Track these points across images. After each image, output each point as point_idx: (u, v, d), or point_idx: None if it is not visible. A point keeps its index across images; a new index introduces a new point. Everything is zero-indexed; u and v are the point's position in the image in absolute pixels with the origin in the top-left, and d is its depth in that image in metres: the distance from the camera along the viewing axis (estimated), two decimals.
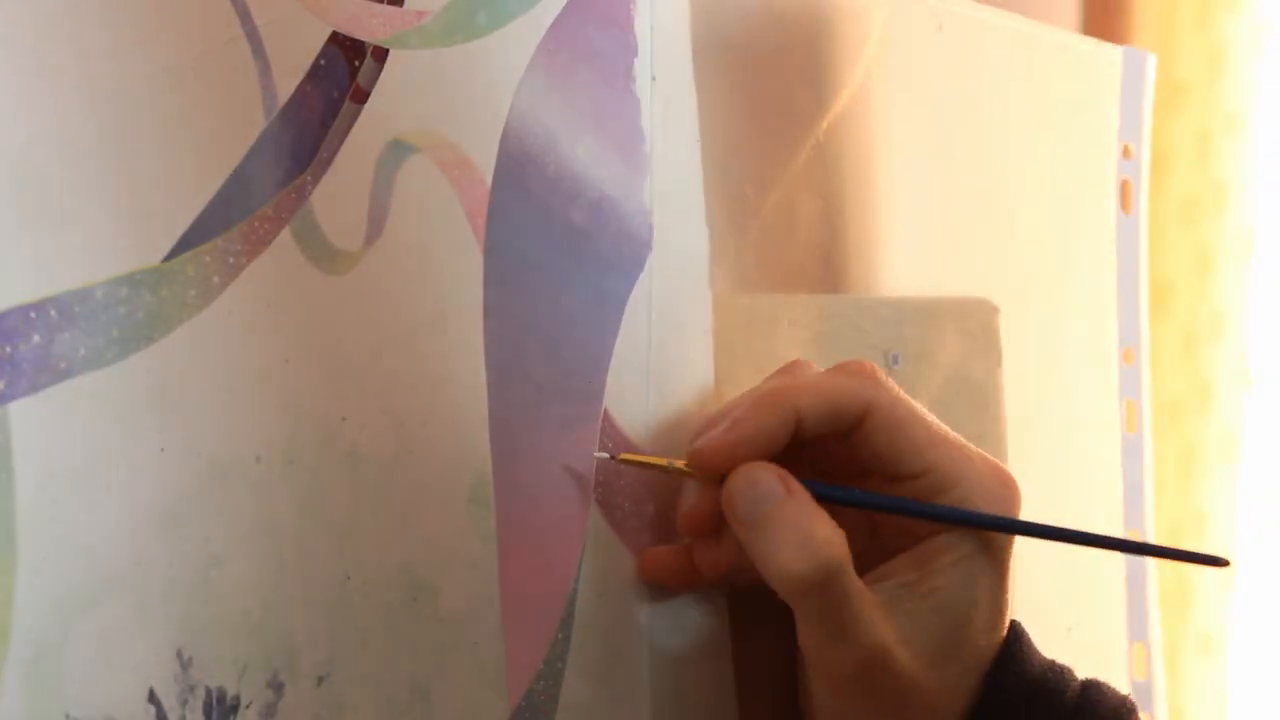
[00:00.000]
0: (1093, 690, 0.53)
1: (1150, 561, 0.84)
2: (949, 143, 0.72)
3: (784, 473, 0.50)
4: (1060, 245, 0.79)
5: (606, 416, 0.53)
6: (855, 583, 0.49)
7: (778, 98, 0.62)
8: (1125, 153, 0.82)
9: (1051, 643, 0.55)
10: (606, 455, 0.52)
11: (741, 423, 0.50)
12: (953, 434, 0.52)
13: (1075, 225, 0.80)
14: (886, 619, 0.50)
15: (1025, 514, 0.55)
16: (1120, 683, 0.74)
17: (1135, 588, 0.83)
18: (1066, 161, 0.79)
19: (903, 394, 0.52)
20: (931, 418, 0.52)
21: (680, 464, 0.52)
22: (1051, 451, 0.77)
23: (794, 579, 0.49)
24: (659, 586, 0.54)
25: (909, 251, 0.70)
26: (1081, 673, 0.55)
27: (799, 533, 0.49)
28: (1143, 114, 0.82)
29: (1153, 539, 0.83)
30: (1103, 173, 0.81)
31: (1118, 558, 0.82)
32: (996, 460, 0.53)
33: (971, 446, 0.52)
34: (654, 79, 0.55)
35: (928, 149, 0.71)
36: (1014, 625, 0.53)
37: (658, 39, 0.56)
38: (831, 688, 0.51)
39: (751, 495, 0.50)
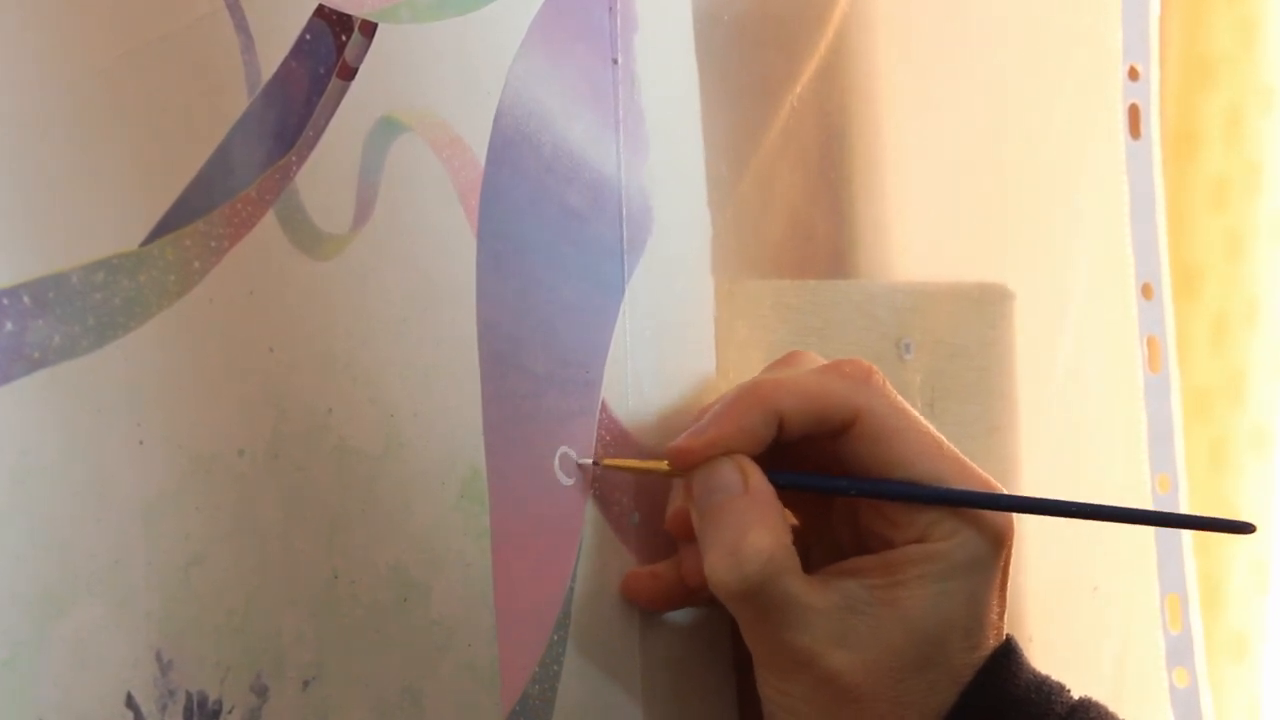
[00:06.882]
0: (1083, 710, 0.52)
1: (1183, 508, 0.82)
2: (941, 82, 0.70)
3: (749, 466, 0.50)
4: (1066, 178, 0.77)
5: (604, 409, 0.53)
6: (794, 587, 0.49)
7: (749, 67, 0.60)
8: (1131, 74, 0.79)
9: (1077, 604, 0.53)
10: (590, 461, 0.52)
11: (719, 421, 0.51)
12: (948, 446, 0.52)
13: (1082, 156, 0.77)
14: (831, 622, 0.50)
15: (1040, 473, 0.53)
16: (1155, 637, 0.72)
17: (1167, 539, 0.80)
18: (1068, 90, 0.76)
19: (898, 401, 0.52)
20: (926, 427, 0.52)
21: (664, 465, 0.52)
22: (1066, 403, 0.75)
23: (719, 586, 0.50)
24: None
25: (907, 200, 0.68)
26: (1108, 631, 0.53)
27: (734, 538, 0.49)
28: (1149, 30, 0.79)
29: (1183, 483, 0.81)
30: (1108, 98, 0.78)
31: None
32: (991, 478, 0.52)
33: (970, 464, 0.52)
34: (652, 55, 0.54)
35: (919, 91, 0.69)
36: (1007, 640, 0.52)
37: (659, 12, 0.55)
38: (770, 679, 0.51)
39: (707, 486, 0.50)
